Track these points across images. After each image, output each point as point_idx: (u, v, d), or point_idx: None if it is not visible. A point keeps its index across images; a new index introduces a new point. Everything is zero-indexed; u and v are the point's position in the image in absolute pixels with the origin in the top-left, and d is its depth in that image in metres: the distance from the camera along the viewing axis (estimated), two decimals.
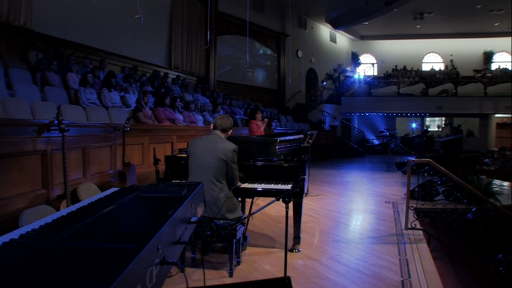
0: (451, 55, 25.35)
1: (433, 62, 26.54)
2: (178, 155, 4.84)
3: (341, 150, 19.49)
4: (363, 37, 26.94)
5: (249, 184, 4.56)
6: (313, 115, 21.31)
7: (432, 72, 24.00)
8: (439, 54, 26.60)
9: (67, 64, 8.92)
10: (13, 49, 9.39)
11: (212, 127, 4.32)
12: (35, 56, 8.99)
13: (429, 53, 26.86)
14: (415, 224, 5.34)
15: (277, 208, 6.94)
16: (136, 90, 9.45)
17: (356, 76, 24.05)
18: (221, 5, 16.92)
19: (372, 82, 23.70)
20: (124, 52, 12.48)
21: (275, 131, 11.41)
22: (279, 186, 4.46)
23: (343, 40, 26.30)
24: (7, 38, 9.27)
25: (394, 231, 5.64)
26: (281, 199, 3.21)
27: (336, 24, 23.47)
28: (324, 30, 24.36)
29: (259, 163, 4.72)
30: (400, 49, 26.37)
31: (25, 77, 7.75)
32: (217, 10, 16.92)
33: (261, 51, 20.23)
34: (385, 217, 6.50)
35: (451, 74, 23.22)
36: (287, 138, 5.59)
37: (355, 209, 7.15)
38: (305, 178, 4.55)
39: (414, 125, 24.16)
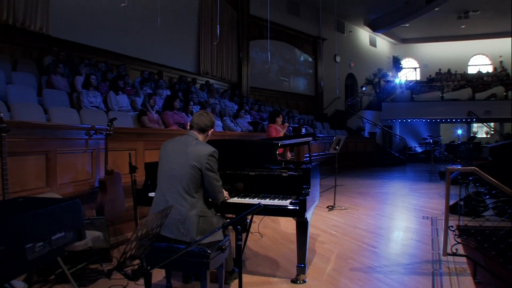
0: (501, 56, 23.04)
1: (480, 64, 24.39)
2: None
3: (381, 158, 18.09)
4: (404, 40, 25.26)
5: (239, 199, 3.54)
6: (352, 122, 20.05)
7: (479, 75, 21.94)
8: (486, 56, 24.41)
9: (77, 67, 8.27)
10: (29, 54, 8.95)
11: (188, 127, 3.36)
12: (51, 61, 8.44)
13: (475, 55, 24.69)
14: (456, 249, 4.09)
15: (287, 227, 5.88)
16: (158, 95, 8.69)
17: (397, 81, 22.51)
18: (253, 9, 16.01)
19: (414, 87, 22.08)
20: (148, 57, 11.83)
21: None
22: (276, 202, 3.41)
23: (383, 44, 24.78)
24: (23, 43, 8.86)
25: (430, 256, 4.43)
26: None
27: (375, 27, 22.06)
28: (363, 34, 23.00)
29: (253, 172, 3.70)
30: (444, 51, 24.41)
31: (28, 80, 7.12)
32: (249, 14, 16.04)
33: (297, 56, 19.18)
34: (420, 237, 5.28)
35: (500, 77, 21.14)
36: (290, 142, 4.50)
37: (386, 227, 5.93)
38: (308, 192, 3.46)
39: (459, 132, 22.26)
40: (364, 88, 22.07)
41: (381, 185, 10.89)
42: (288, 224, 5.97)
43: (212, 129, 3.37)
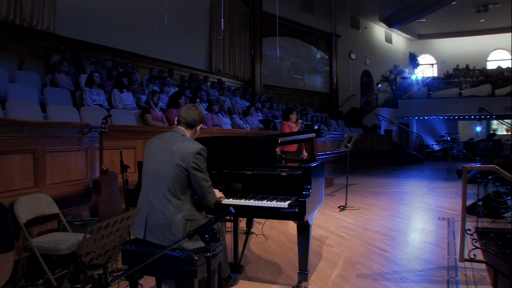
0: None
1: (500, 59, 23.52)
2: None
3: (397, 156, 17.54)
4: (420, 36, 24.56)
5: (235, 200, 3.24)
6: (368, 120, 19.56)
7: (499, 70, 21.12)
8: (507, 50, 23.54)
9: (82, 65, 8.09)
10: (37, 54, 8.82)
11: (176, 122, 3.07)
12: (58, 59, 8.27)
13: (495, 49, 23.78)
14: (474, 255, 3.71)
15: (294, 228, 5.54)
16: (165, 93, 8.46)
17: (413, 77, 21.90)
18: (265, 6, 15.65)
19: (431, 84, 21.43)
20: (158, 55, 11.64)
21: None
22: (273, 203, 3.10)
23: (399, 40, 24.15)
24: (30, 42, 8.73)
25: (445, 262, 4.06)
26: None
27: (391, 23, 21.48)
28: (379, 30, 22.43)
29: (249, 171, 3.39)
30: (462, 47, 23.61)
31: (32, 79, 6.95)
32: (262, 11, 15.70)
33: (311, 53, 18.76)
34: (436, 240, 4.90)
35: None
36: (292, 138, 4.17)
37: (399, 229, 5.55)
38: (309, 193, 3.14)
39: (478, 129, 21.49)
40: (379, 85, 21.53)
41: (396, 184, 10.47)
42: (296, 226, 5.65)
43: (201, 124, 3.07)
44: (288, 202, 3.06)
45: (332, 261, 4.14)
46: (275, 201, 3.13)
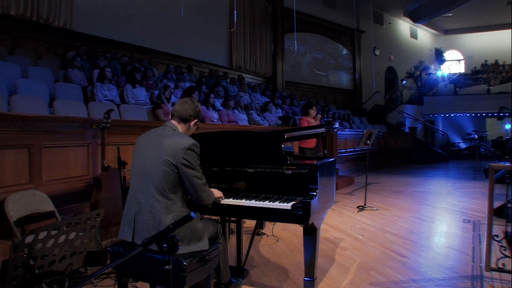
0: None
1: None
2: None
3: (421, 154, 16.93)
4: (447, 31, 23.63)
5: (235, 200, 2.95)
6: (392, 117, 18.96)
7: None
8: None
9: (95, 60, 7.95)
10: (54, 50, 8.74)
11: (170, 117, 2.81)
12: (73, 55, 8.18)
13: None
14: (503, 264, 3.31)
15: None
16: (180, 88, 8.24)
17: (439, 74, 21.12)
18: (287, 1, 15.24)
19: (458, 80, 20.62)
20: (177, 51, 11.45)
21: None
22: (276, 204, 2.79)
23: (425, 36, 23.32)
24: (47, 39, 8.67)
25: (470, 271, 3.66)
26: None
27: (416, 18, 20.69)
28: (404, 25, 21.69)
29: (251, 169, 3.10)
30: (491, 41, 22.46)
31: (44, 75, 6.81)
32: (283, 7, 15.33)
33: (334, 50, 18.26)
34: (459, 245, 4.48)
35: None
36: (300, 133, 3.81)
37: (420, 232, 5.15)
38: (315, 193, 2.82)
39: (508, 126, 20.55)
40: (404, 82, 20.84)
41: (420, 183, 9.98)
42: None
43: (197, 120, 2.79)
44: (292, 203, 2.75)
45: (344, 266, 3.80)
46: (278, 201, 2.83)
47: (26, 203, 3.34)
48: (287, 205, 2.74)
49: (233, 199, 2.96)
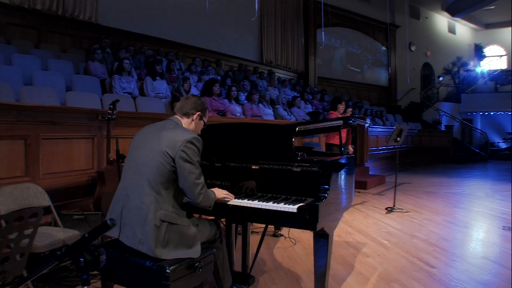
0: None
1: None
2: None
3: (458, 154, 16.05)
4: (488, 26, 22.29)
5: (238, 200, 2.57)
6: (428, 115, 18.14)
7: None
8: None
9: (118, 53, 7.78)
10: (79, 44, 8.68)
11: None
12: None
13: None
14: None
15: (340, 230, 4.80)
16: (202, 81, 7.97)
17: (478, 70, 20.00)
18: None
19: (499, 77, 19.49)
20: (204, 45, 11.22)
21: None
22: (280, 206, 2.38)
23: (463, 30, 22.15)
24: (72, 33, 8.62)
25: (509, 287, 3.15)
26: None
27: (455, 11, 19.59)
28: (441, 20, 20.66)
29: (256, 165, 2.71)
30: None
31: (64, 67, 6.66)
32: (315, 0, 14.81)
33: (368, 45, 17.58)
34: (497, 257, 3.93)
35: None
36: (314, 126, 3.36)
37: (452, 238, 4.61)
38: (325, 195, 2.40)
39: None
40: (441, 78, 19.87)
41: (455, 184, 9.29)
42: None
43: (199, 113, 2.48)
44: (299, 205, 2.34)
45: (364, 276, 3.36)
46: (283, 203, 2.43)
47: (17, 196, 3.09)
48: (293, 208, 2.34)
49: (235, 199, 2.58)
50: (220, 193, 2.52)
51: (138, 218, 2.16)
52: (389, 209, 6.14)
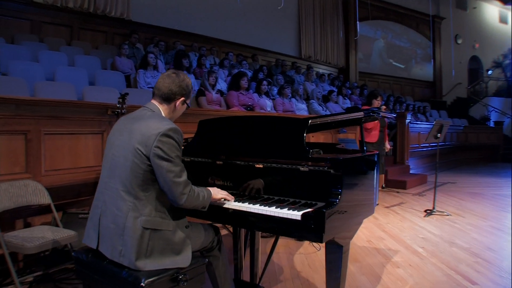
0: None
1: None
2: None
3: (509, 152, 14.85)
4: None
5: (238, 203, 2.20)
6: (476, 110, 17.03)
7: None
8: None
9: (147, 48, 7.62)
10: (111, 41, 8.62)
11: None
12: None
13: None
14: None
15: (359, 235, 4.33)
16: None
17: None
18: None
19: None
20: (240, 39, 10.97)
21: None
22: (283, 212, 1.98)
23: None
24: (104, 30, 8.59)
25: None
26: None
27: None
28: (491, 9, 19.25)
29: (260, 164, 2.33)
30: None
31: (91, 63, 6.55)
32: None
33: (411, 38, 16.68)
34: None
35: None
36: (331, 119, 2.88)
37: (499, 248, 4.01)
38: (336, 200, 1.98)
39: None
40: (490, 72, 18.56)
41: (503, 184, 8.45)
42: (363, 233, 4.44)
43: (183, 98, 2.09)
44: (304, 211, 1.95)
45: None
46: (287, 208, 2.04)
47: (14, 194, 2.90)
48: (297, 214, 1.94)
49: (233, 201, 2.22)
50: (218, 193, 2.16)
51: (116, 228, 1.85)
52: (428, 211, 5.59)
